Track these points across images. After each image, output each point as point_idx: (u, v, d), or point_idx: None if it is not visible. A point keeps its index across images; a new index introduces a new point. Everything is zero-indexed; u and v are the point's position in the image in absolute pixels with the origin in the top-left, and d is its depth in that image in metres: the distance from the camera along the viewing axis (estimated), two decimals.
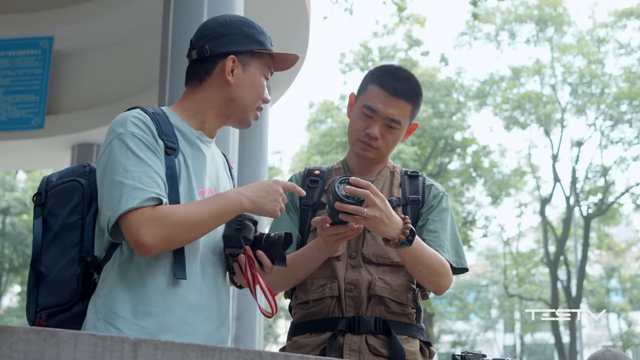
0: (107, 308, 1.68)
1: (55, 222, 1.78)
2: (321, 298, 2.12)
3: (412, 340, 2.13)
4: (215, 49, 1.85)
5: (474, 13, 9.34)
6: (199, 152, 1.83)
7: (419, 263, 2.04)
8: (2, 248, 21.54)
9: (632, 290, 25.24)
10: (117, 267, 1.71)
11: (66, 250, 1.75)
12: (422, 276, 2.08)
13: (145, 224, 1.63)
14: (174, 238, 1.67)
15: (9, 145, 7.76)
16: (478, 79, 20.35)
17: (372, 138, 2.15)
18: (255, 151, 7.21)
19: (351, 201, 1.90)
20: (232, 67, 1.85)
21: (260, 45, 1.88)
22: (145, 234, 1.63)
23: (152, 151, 1.72)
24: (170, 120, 1.81)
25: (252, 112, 1.90)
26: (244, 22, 1.90)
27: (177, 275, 1.70)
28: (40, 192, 1.83)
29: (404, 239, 1.95)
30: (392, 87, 2.15)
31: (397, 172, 2.29)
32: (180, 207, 1.70)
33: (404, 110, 2.17)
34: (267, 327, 23.85)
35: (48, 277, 1.75)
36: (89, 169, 1.83)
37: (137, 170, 1.67)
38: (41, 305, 1.75)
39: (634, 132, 18.95)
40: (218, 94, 1.86)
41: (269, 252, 1.80)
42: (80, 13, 6.93)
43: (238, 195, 1.74)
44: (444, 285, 2.11)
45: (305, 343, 2.12)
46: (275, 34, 8.10)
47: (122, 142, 1.70)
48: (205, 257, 1.80)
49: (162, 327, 1.69)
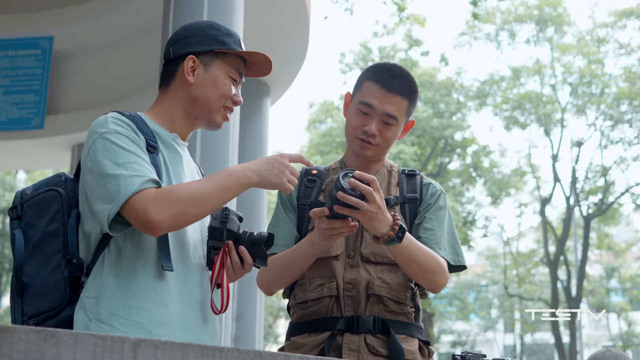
0: (99, 307, 1.68)
1: (35, 233, 1.78)
2: (320, 298, 2.12)
3: (411, 339, 2.13)
4: (178, 51, 1.90)
5: (474, 13, 9.35)
6: (176, 154, 1.87)
7: (411, 260, 2.04)
8: (2, 248, 21.54)
9: (632, 290, 25.25)
10: (106, 267, 1.71)
11: (49, 258, 1.75)
12: (416, 274, 2.08)
13: (152, 203, 1.64)
14: (183, 214, 1.69)
15: (9, 145, 7.76)
16: (478, 79, 20.37)
17: (370, 135, 2.15)
18: (255, 151, 7.21)
19: (354, 194, 1.91)
20: (193, 67, 1.88)
21: (222, 45, 1.90)
22: (153, 211, 1.64)
23: (138, 145, 1.74)
24: (147, 123, 1.84)
25: (217, 112, 1.91)
26: (209, 25, 1.94)
27: (164, 266, 1.71)
28: (15, 205, 1.83)
29: (393, 235, 1.96)
30: (387, 83, 2.16)
31: (395, 171, 2.29)
32: (184, 185, 1.73)
33: (400, 106, 2.16)
34: (267, 327, 23.84)
35: (32, 286, 1.75)
36: (65, 179, 1.84)
37: (128, 161, 1.69)
38: (28, 314, 1.74)
39: (634, 132, 18.96)
40: (182, 95, 1.89)
41: (251, 250, 1.83)
42: (80, 13, 6.94)
43: (243, 170, 1.76)
44: (440, 283, 2.12)
45: (304, 343, 2.12)
46: (275, 34, 8.10)
47: (107, 140, 1.72)
48: (193, 250, 1.82)
49: (155, 321, 1.70)
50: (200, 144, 4.07)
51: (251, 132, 7.13)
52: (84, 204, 1.75)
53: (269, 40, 6.62)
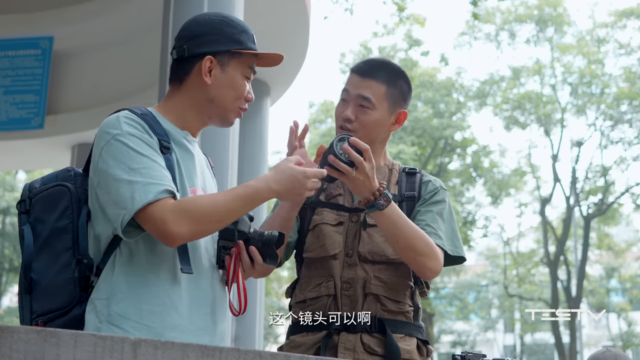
0: (110, 310, 1.66)
1: (44, 228, 1.76)
2: (318, 297, 2.13)
3: (409, 338, 2.12)
4: (193, 50, 1.85)
5: (474, 13, 9.34)
6: (187, 152, 1.85)
7: (396, 234, 2.03)
8: (2, 248, 21.55)
9: (632, 290, 25.25)
10: (117, 269, 1.70)
11: (58, 255, 1.73)
12: (403, 251, 2.06)
13: (171, 214, 1.63)
14: (203, 229, 1.69)
15: (9, 145, 7.76)
16: (478, 79, 20.36)
17: (346, 120, 2.18)
18: (255, 151, 7.22)
19: (344, 159, 1.96)
20: (210, 67, 1.84)
21: (239, 44, 1.87)
22: (172, 223, 1.63)
23: (152, 148, 1.71)
24: (158, 120, 1.81)
25: (232, 112, 1.90)
26: (224, 22, 1.88)
27: (184, 269, 1.70)
28: (23, 199, 1.81)
29: (373, 200, 1.99)
30: (362, 69, 2.23)
31: (396, 169, 2.29)
32: (206, 198, 1.72)
33: (375, 89, 2.18)
34: (267, 327, 23.83)
35: (41, 284, 1.73)
36: (74, 173, 1.81)
37: (144, 166, 1.66)
38: (36, 312, 1.73)
39: (634, 132, 18.96)
40: (197, 95, 1.86)
41: (261, 249, 1.82)
42: (80, 13, 6.93)
43: (267, 187, 1.74)
44: (430, 267, 2.07)
45: (301, 342, 2.12)
46: (275, 34, 8.10)
47: (120, 143, 1.69)
48: (203, 251, 1.81)
49: (167, 325, 1.68)
50: (200, 144, 4.05)
51: (251, 132, 7.13)
52: (94, 203, 1.73)
53: (269, 39, 6.61)
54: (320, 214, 2.21)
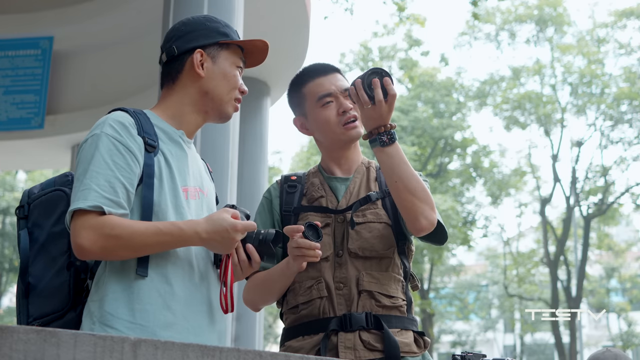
0: (103, 311, 1.67)
1: (41, 233, 1.78)
2: (310, 300, 2.13)
3: (406, 332, 2.13)
4: (182, 46, 1.90)
5: (474, 13, 9.35)
6: (181, 151, 1.85)
7: (393, 172, 2.06)
8: (2, 248, 21.55)
9: (632, 290, 25.24)
10: (109, 270, 1.71)
11: (54, 259, 1.75)
12: (401, 193, 2.05)
13: (88, 229, 1.63)
14: (112, 252, 1.67)
15: (9, 145, 7.76)
16: (478, 79, 20.38)
17: (348, 111, 2.21)
18: (255, 151, 7.22)
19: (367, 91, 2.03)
20: (201, 60, 1.89)
21: (225, 36, 1.92)
22: (85, 238, 1.63)
23: (122, 155, 1.71)
24: (151, 120, 1.83)
25: (229, 104, 1.92)
26: (207, 18, 1.96)
27: (138, 272, 1.69)
28: (22, 204, 1.83)
29: (376, 134, 2.05)
30: (318, 70, 2.28)
31: (373, 167, 2.31)
32: (128, 225, 1.67)
33: (343, 80, 2.27)
34: (267, 327, 23.83)
35: (38, 288, 1.75)
36: (72, 178, 1.83)
37: (97, 172, 1.68)
38: (33, 315, 1.75)
39: (634, 132, 18.96)
40: (192, 90, 1.89)
41: (259, 248, 1.84)
42: (80, 13, 6.93)
43: (196, 234, 1.70)
44: (426, 215, 2.05)
45: (299, 346, 2.12)
46: (276, 34, 8.12)
47: (93, 144, 1.72)
48: (202, 251, 1.81)
49: (160, 323, 1.69)
50: (200, 144, 4.06)
51: (251, 132, 7.14)
52: None
53: (269, 40, 6.58)
54: (305, 219, 2.19)
